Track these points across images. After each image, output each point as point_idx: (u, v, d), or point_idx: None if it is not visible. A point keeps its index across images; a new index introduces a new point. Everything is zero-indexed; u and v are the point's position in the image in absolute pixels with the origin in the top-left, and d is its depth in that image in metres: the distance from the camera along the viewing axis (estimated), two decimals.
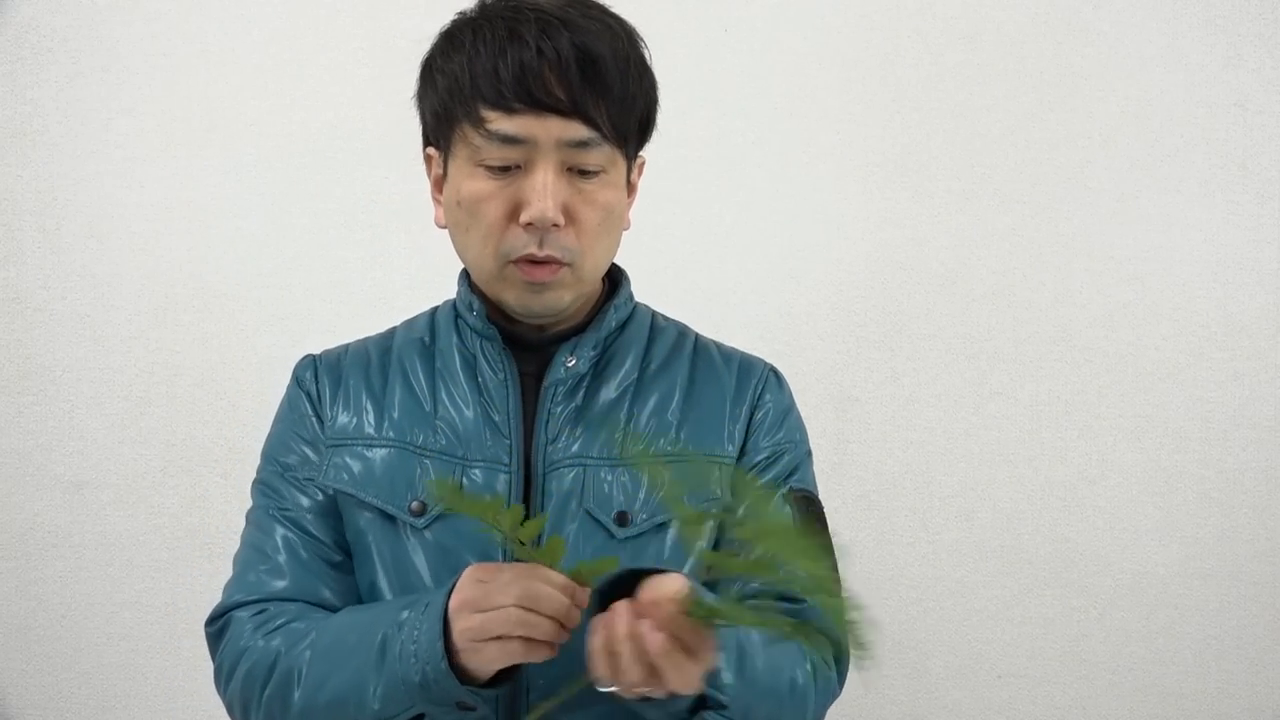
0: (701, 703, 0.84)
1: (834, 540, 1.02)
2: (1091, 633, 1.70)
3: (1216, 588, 1.69)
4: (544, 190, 0.89)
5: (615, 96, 0.90)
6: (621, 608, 0.77)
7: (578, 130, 0.89)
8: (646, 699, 0.80)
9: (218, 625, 0.97)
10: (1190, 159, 1.65)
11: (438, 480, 0.92)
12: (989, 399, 1.68)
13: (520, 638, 0.79)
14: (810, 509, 1.02)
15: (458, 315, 1.02)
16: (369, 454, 0.97)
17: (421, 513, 0.94)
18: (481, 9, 0.94)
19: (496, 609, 0.79)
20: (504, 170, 0.90)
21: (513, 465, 0.95)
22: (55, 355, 1.66)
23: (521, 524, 0.80)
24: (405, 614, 0.85)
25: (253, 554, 0.98)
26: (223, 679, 0.94)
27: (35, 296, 1.65)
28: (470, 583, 0.82)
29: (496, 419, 0.96)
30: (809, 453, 1.06)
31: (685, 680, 0.76)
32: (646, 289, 1.13)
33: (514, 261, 0.92)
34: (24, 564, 1.67)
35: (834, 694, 0.97)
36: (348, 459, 0.97)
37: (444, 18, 0.95)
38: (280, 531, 0.97)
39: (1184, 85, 1.64)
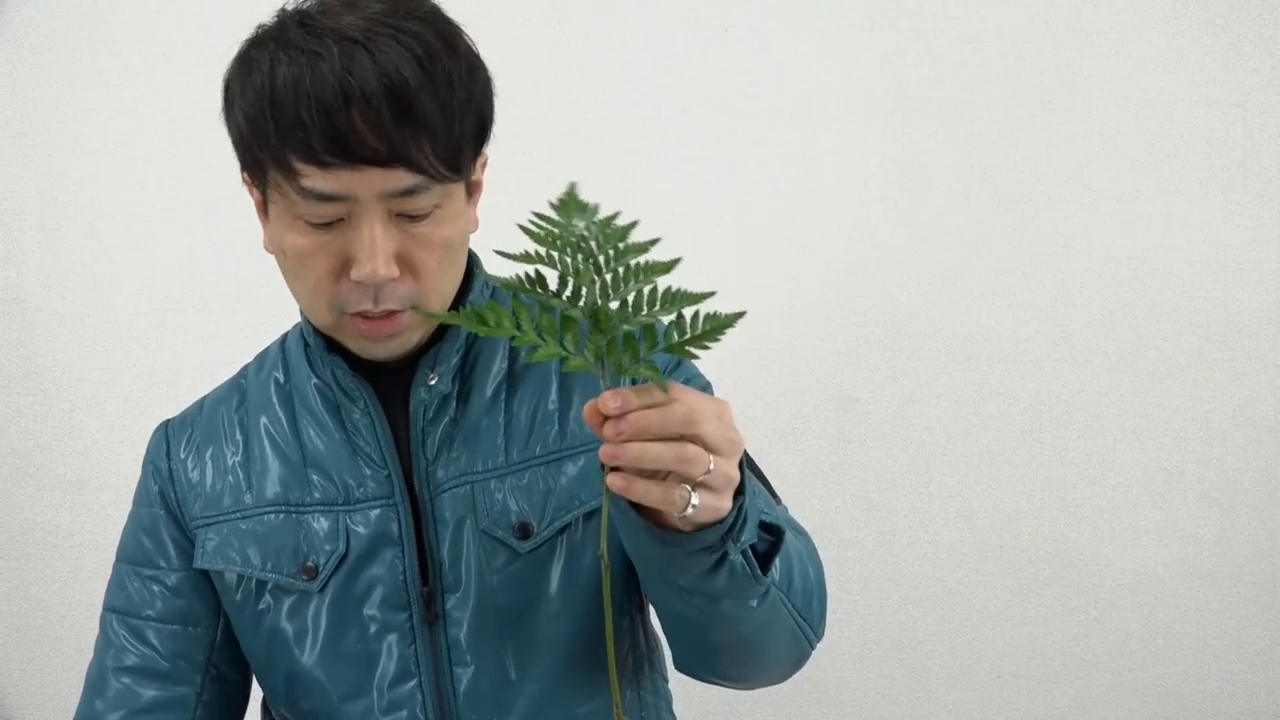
0: (758, 558, 0.77)
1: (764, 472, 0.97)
2: (1091, 633, 1.70)
3: (1216, 588, 1.69)
4: (372, 248, 0.79)
5: (439, 134, 0.79)
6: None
7: (400, 179, 0.79)
8: (695, 529, 0.70)
9: None
10: (1190, 159, 1.65)
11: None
12: (989, 399, 1.68)
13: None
14: None
15: (306, 344, 0.95)
16: (245, 526, 0.92)
17: (315, 574, 0.89)
18: (280, 26, 0.83)
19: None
20: (326, 225, 0.81)
21: (396, 496, 0.89)
22: (55, 355, 1.66)
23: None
24: None
25: (92, 685, 0.96)
26: None
27: (35, 296, 1.65)
28: None
29: (369, 450, 0.90)
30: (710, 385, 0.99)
31: (722, 436, 0.67)
32: None
33: (350, 314, 0.85)
34: (24, 564, 1.67)
35: (818, 634, 0.91)
36: (230, 537, 0.92)
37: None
38: (116, 662, 0.95)
39: (1184, 85, 1.64)
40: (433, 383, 0.90)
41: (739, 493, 0.72)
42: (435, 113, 0.78)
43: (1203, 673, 1.70)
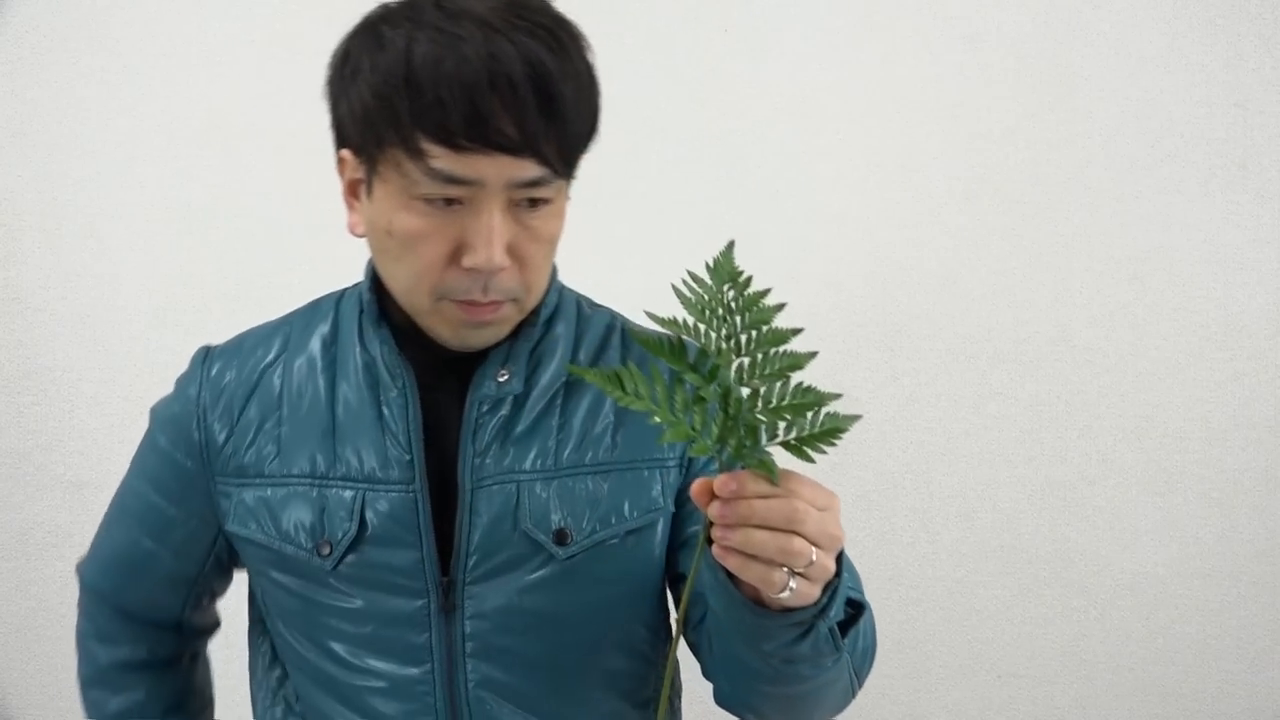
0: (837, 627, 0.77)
1: None
2: (1091, 633, 1.70)
3: (1216, 588, 1.69)
4: (490, 235, 0.80)
5: (568, 128, 0.79)
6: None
7: (528, 169, 0.79)
8: (787, 609, 0.72)
9: (80, 588, 1.06)
10: (1190, 159, 1.65)
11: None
12: (989, 399, 1.68)
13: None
14: None
15: (361, 309, 0.94)
16: (271, 493, 0.91)
17: (330, 551, 0.89)
18: (412, 4, 0.80)
19: None
20: (445, 205, 0.80)
21: (417, 483, 0.88)
22: (55, 355, 1.66)
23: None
24: None
25: (109, 542, 1.05)
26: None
27: (35, 296, 1.65)
28: None
29: (397, 432, 0.89)
30: None
31: (825, 532, 0.67)
32: (645, 290, 1.13)
33: (453, 301, 0.84)
34: (24, 564, 1.67)
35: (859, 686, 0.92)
36: (258, 503, 0.92)
37: None
38: (131, 539, 1.01)
39: (1184, 85, 1.64)
40: (503, 379, 0.89)
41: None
42: (572, 106, 0.79)
43: (1203, 673, 1.70)
